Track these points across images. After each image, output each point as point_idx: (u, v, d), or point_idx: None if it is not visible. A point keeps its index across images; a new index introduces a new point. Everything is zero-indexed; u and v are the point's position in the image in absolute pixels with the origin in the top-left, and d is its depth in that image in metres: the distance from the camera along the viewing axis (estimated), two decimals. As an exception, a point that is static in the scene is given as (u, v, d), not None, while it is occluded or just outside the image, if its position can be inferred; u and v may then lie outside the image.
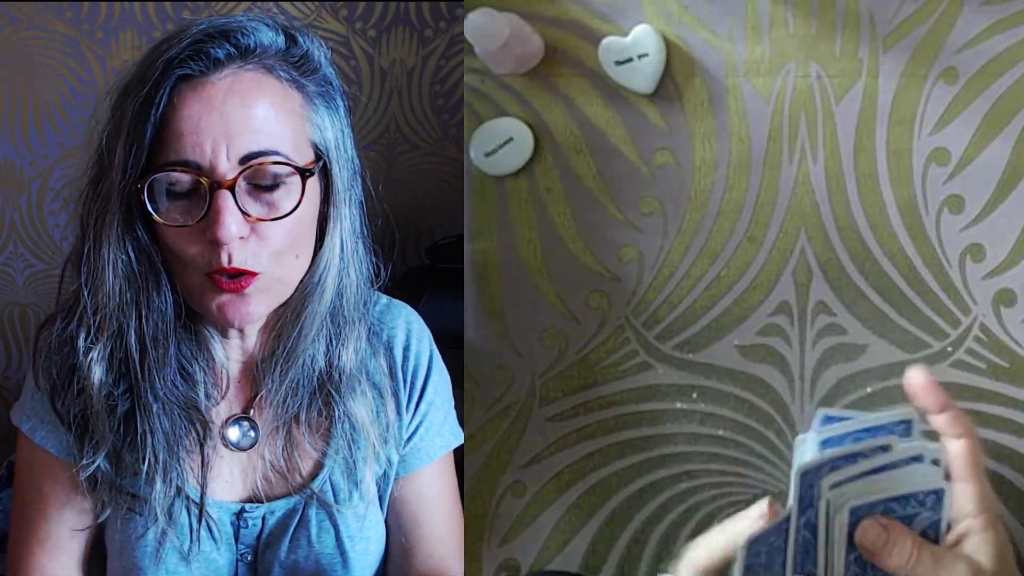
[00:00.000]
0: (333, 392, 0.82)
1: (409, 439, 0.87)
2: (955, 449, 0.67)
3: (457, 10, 1.47)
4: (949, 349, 0.87)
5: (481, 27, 0.85)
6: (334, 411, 0.82)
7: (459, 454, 0.92)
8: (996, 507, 0.67)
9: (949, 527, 0.66)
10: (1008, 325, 0.86)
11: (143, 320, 0.77)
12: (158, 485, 0.79)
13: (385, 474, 0.87)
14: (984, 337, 0.86)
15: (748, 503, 0.89)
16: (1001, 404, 0.86)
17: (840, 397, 0.88)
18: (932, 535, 0.66)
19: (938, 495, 0.65)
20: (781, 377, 0.89)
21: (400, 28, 1.49)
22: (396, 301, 0.90)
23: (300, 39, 0.79)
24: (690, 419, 0.90)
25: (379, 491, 0.87)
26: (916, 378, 0.68)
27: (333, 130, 0.80)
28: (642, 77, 0.88)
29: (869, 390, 0.87)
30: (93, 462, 0.79)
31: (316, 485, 0.83)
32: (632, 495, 0.91)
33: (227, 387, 0.83)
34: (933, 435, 0.69)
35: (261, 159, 0.74)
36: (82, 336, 0.78)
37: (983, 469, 0.67)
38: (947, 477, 0.67)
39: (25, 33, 1.50)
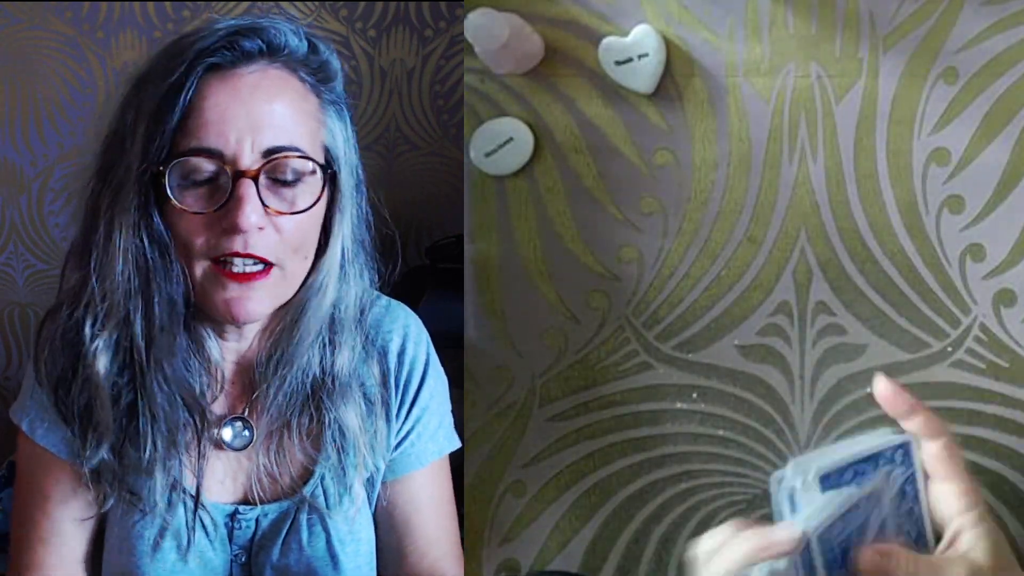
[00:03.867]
0: (325, 399, 0.82)
1: (400, 444, 0.87)
2: (932, 450, 0.66)
3: (457, 10, 1.47)
4: (949, 349, 0.87)
5: (481, 27, 0.85)
6: (325, 418, 0.83)
7: (459, 454, 0.92)
8: (982, 499, 0.66)
9: (931, 532, 0.66)
10: (1008, 325, 0.86)
11: (152, 308, 0.77)
12: (157, 477, 0.79)
13: (371, 478, 0.87)
14: (984, 337, 0.86)
15: (748, 503, 0.89)
16: (1001, 404, 0.86)
17: (840, 397, 0.88)
18: (911, 491, 0.66)
19: (904, 448, 0.65)
20: (781, 377, 0.89)
21: (400, 28, 1.49)
22: (396, 303, 0.91)
23: (321, 48, 0.81)
24: (690, 419, 0.90)
25: (367, 494, 0.87)
26: (882, 386, 0.67)
27: (342, 138, 0.82)
28: (642, 77, 0.88)
29: (869, 390, 0.87)
30: (97, 454, 0.79)
31: (307, 490, 0.83)
32: (632, 495, 0.91)
33: (221, 387, 0.83)
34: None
35: (285, 153, 0.75)
36: (88, 323, 0.78)
37: (963, 465, 0.66)
38: (927, 478, 0.66)
39: (25, 33, 1.50)
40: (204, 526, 0.82)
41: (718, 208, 0.89)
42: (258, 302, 0.77)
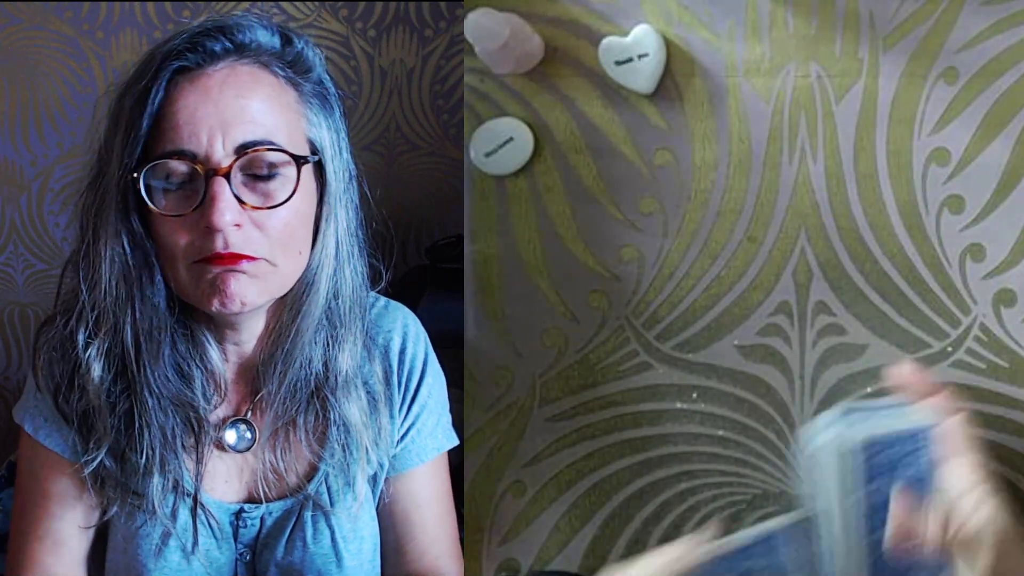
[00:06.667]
0: (329, 396, 0.83)
1: (401, 440, 0.87)
2: (950, 426, 0.70)
3: (457, 10, 1.47)
4: (949, 349, 0.87)
5: (481, 27, 0.85)
6: (330, 415, 0.83)
7: (459, 454, 0.92)
8: (992, 474, 0.70)
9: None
10: (1008, 325, 0.86)
11: (137, 315, 0.77)
12: (155, 480, 0.79)
13: (375, 475, 0.87)
14: (984, 337, 0.86)
15: (748, 503, 0.89)
16: (1001, 404, 0.86)
17: (840, 397, 0.88)
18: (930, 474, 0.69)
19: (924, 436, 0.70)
20: (781, 377, 0.89)
21: (400, 28, 1.49)
22: (393, 303, 0.91)
23: (295, 40, 0.80)
24: (690, 419, 0.90)
25: (371, 492, 0.87)
26: (903, 371, 0.72)
27: (328, 130, 0.81)
28: (642, 77, 0.88)
29: (869, 390, 0.87)
30: (96, 459, 0.79)
31: (312, 488, 0.83)
32: (632, 495, 0.91)
33: (225, 391, 0.83)
34: None
35: (256, 147, 0.75)
36: (81, 332, 0.78)
37: (975, 441, 0.70)
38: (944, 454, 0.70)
39: (25, 33, 1.50)
40: (209, 525, 0.82)
41: (718, 208, 0.89)
42: (244, 283, 0.76)
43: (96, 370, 0.78)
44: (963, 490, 0.69)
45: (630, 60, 0.88)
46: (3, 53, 1.51)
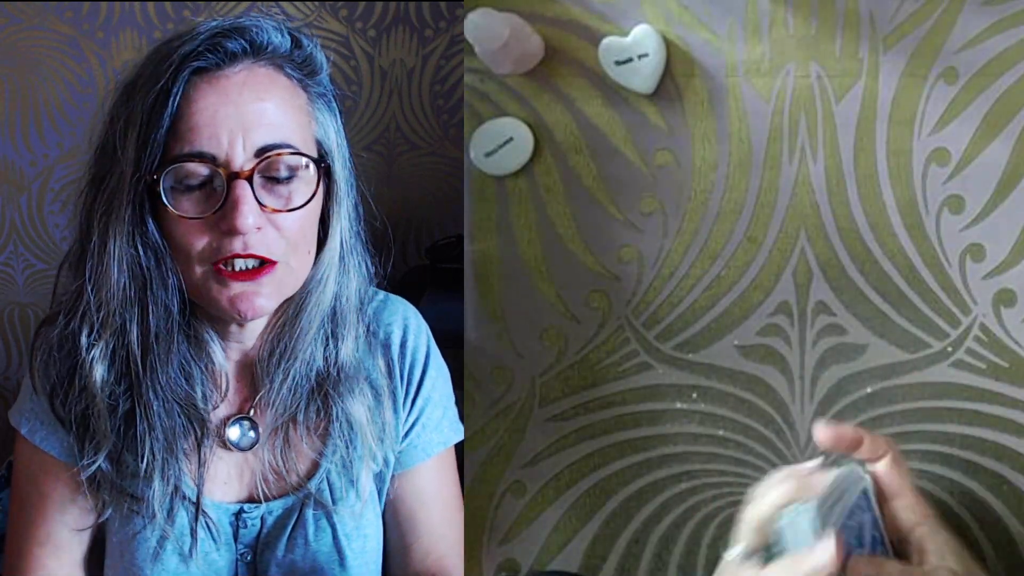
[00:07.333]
0: (331, 391, 0.83)
1: (406, 436, 0.87)
2: (882, 468, 0.70)
3: (457, 10, 1.47)
4: (949, 349, 0.87)
5: (481, 27, 0.85)
6: (332, 411, 0.83)
7: (459, 454, 0.92)
8: (932, 510, 0.70)
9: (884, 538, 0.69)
10: (1008, 325, 0.86)
11: (147, 316, 0.77)
12: (156, 484, 0.79)
13: (381, 473, 0.87)
14: (984, 337, 0.86)
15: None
16: (1001, 404, 0.86)
17: (840, 397, 0.88)
18: (877, 533, 0.69)
19: (866, 493, 0.69)
20: (781, 377, 0.89)
21: (400, 28, 1.49)
22: (393, 296, 0.91)
23: (305, 42, 0.81)
24: (690, 419, 0.90)
25: (376, 490, 0.87)
26: (823, 432, 0.70)
27: (334, 131, 0.82)
28: (642, 77, 0.88)
29: (869, 390, 0.87)
30: (94, 462, 0.79)
31: (313, 485, 0.83)
32: (632, 495, 0.91)
33: (226, 388, 0.83)
34: None
35: (277, 151, 0.75)
36: (84, 333, 0.78)
37: (911, 478, 0.70)
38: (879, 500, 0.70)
39: (25, 33, 1.50)
40: (208, 528, 0.82)
41: (718, 208, 0.89)
42: (264, 297, 0.77)
43: (99, 371, 0.78)
44: (910, 527, 0.68)
45: (630, 60, 0.88)
46: (3, 53, 1.51)
